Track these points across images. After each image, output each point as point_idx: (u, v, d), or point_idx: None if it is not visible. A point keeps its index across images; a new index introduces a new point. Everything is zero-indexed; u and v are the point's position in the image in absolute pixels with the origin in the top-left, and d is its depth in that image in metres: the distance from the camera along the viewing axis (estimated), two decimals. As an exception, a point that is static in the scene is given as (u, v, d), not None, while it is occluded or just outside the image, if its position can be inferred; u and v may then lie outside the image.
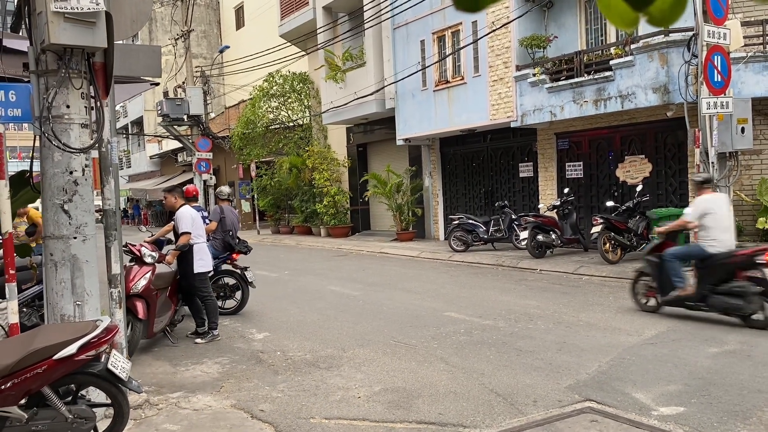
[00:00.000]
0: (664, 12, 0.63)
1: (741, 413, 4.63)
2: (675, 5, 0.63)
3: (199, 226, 7.85)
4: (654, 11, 0.63)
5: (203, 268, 7.79)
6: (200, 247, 7.80)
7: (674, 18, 0.65)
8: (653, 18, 0.64)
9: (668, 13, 0.63)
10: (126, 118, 41.48)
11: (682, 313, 7.80)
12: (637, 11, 0.61)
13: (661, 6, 0.62)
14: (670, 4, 0.63)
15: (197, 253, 7.72)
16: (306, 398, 5.41)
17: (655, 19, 0.64)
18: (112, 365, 4.21)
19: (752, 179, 11.54)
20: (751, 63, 10.76)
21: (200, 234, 7.86)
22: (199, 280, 7.77)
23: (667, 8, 0.63)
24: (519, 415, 4.79)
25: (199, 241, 7.77)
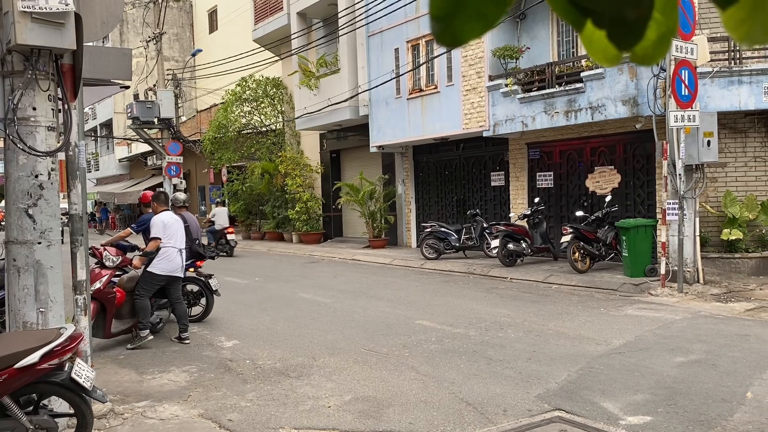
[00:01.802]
0: (648, 50, 0.63)
1: (705, 422, 4.70)
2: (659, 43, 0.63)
3: (174, 232, 7.84)
4: (637, 50, 0.62)
5: (159, 270, 7.70)
6: (167, 252, 7.76)
7: (658, 57, 0.65)
8: (636, 56, 0.64)
9: (651, 51, 0.64)
10: (95, 120, 40.79)
11: (652, 323, 7.91)
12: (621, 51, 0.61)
13: (645, 44, 0.62)
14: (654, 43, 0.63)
15: (161, 255, 7.72)
16: (275, 407, 5.35)
17: (638, 57, 0.64)
18: (76, 374, 4.11)
19: (717, 191, 11.80)
20: (717, 78, 11.01)
21: (170, 239, 7.79)
22: (146, 277, 7.71)
23: (651, 46, 0.63)
24: (489, 425, 4.80)
25: (167, 245, 7.75)
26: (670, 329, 7.68)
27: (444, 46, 0.59)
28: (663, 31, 0.62)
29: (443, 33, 0.58)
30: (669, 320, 8.16)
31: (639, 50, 0.62)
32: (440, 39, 0.58)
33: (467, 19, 0.58)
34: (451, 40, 0.59)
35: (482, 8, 0.58)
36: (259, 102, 23.99)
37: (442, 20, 0.58)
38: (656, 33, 0.62)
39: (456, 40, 0.59)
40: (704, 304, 9.17)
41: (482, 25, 0.58)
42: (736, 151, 11.80)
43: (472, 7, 0.57)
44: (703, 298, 9.57)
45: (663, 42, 0.63)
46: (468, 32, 0.58)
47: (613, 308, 9.06)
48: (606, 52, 0.62)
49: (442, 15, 0.57)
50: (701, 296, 9.65)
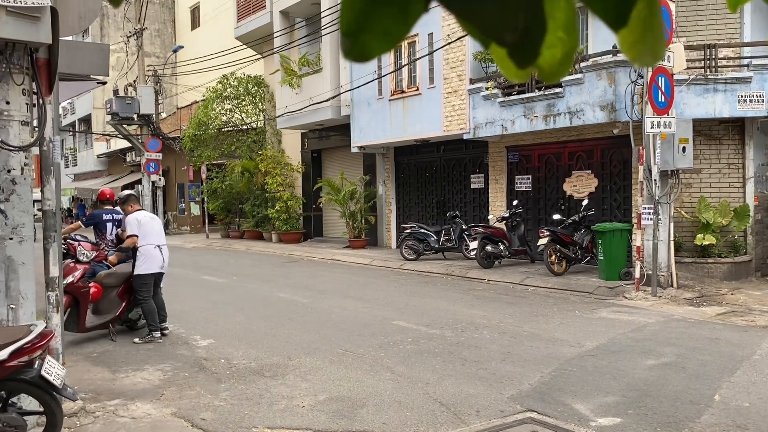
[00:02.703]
0: (553, 67, 0.67)
1: (674, 424, 4.79)
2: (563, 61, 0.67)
3: (149, 230, 7.93)
4: (544, 65, 0.66)
5: (144, 270, 7.85)
6: (145, 250, 7.86)
7: (563, 73, 0.69)
8: (543, 72, 0.67)
9: (557, 68, 0.67)
10: (73, 115, 40.31)
11: (625, 326, 8.02)
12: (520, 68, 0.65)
13: (551, 61, 0.66)
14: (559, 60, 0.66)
15: (141, 255, 7.85)
16: (249, 407, 5.34)
17: (545, 73, 0.67)
18: (46, 372, 4.07)
19: (692, 197, 11.99)
20: (693, 85, 11.18)
21: (145, 237, 7.87)
22: (137, 281, 7.86)
23: (556, 63, 0.67)
24: (461, 425, 4.84)
25: (144, 243, 7.84)
26: (643, 332, 7.79)
27: (352, 60, 0.62)
28: (567, 49, 0.66)
29: (351, 48, 0.60)
30: (642, 323, 8.27)
31: (546, 67, 0.66)
32: (348, 54, 0.61)
33: (373, 36, 0.60)
34: (359, 55, 0.61)
35: (387, 27, 0.60)
36: (240, 100, 23.88)
37: (350, 36, 0.60)
38: (561, 51, 0.65)
39: (363, 55, 0.61)
40: (677, 308, 9.31)
41: (387, 43, 0.61)
42: (710, 158, 11.99)
43: (377, 26, 0.60)
44: (676, 302, 9.72)
45: (567, 59, 0.66)
46: (374, 49, 0.61)
47: (587, 311, 9.17)
48: (515, 70, 0.65)
49: (350, 32, 0.60)
50: (674, 300, 9.80)
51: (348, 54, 0.60)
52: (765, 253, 12.20)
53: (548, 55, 0.65)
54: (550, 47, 0.64)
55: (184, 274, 14.01)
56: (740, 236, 11.84)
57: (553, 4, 0.63)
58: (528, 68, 0.64)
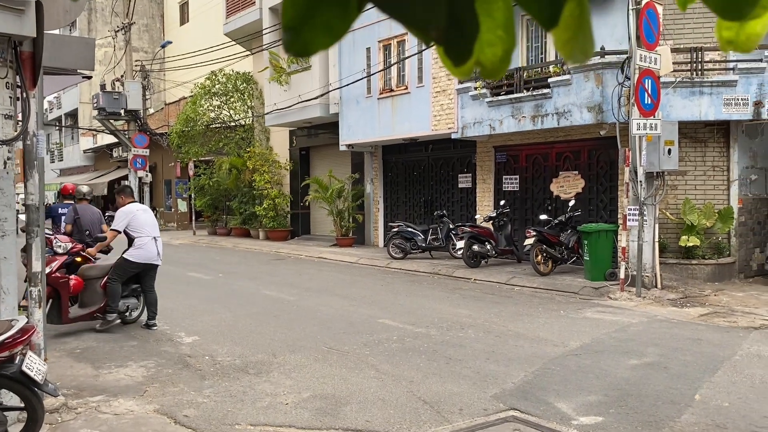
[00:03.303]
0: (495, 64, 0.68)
1: (654, 423, 4.83)
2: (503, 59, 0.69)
3: (143, 222, 8.03)
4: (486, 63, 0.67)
5: (134, 257, 7.97)
6: (142, 241, 7.97)
7: (503, 70, 0.71)
8: (485, 69, 0.68)
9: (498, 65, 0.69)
10: (60, 109, 39.94)
11: (609, 326, 8.08)
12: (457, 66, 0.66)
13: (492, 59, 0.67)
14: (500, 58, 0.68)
15: (135, 244, 7.98)
16: (232, 404, 5.33)
17: (487, 71, 0.68)
18: (27, 367, 4.04)
19: (677, 199, 12.08)
20: (679, 88, 11.28)
21: (140, 228, 7.98)
22: (120, 263, 7.99)
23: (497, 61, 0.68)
24: (444, 423, 4.86)
25: (139, 235, 7.97)
26: (626, 332, 7.85)
27: (294, 55, 0.63)
28: (506, 47, 0.67)
29: (293, 42, 0.61)
30: (626, 323, 8.34)
31: (488, 64, 0.67)
32: (290, 48, 0.62)
33: (315, 31, 0.61)
34: (301, 49, 0.62)
35: (329, 22, 0.61)
36: (228, 96, 23.78)
37: (292, 31, 0.61)
38: (501, 49, 0.67)
39: (305, 50, 0.62)
40: (661, 309, 9.39)
41: (329, 38, 0.62)
42: (695, 160, 12.10)
43: (319, 21, 0.61)
44: (660, 302, 9.80)
45: (506, 57, 0.68)
46: (316, 43, 0.62)
47: (572, 311, 9.23)
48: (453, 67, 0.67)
49: (292, 26, 0.61)
50: (658, 301, 9.88)
51: (290, 48, 0.60)
52: (748, 255, 12.33)
53: (489, 53, 0.66)
54: (490, 45, 0.66)
55: (170, 271, 13.94)
56: (724, 238, 11.95)
57: (491, 4, 0.65)
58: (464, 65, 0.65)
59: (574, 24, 0.68)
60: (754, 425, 4.78)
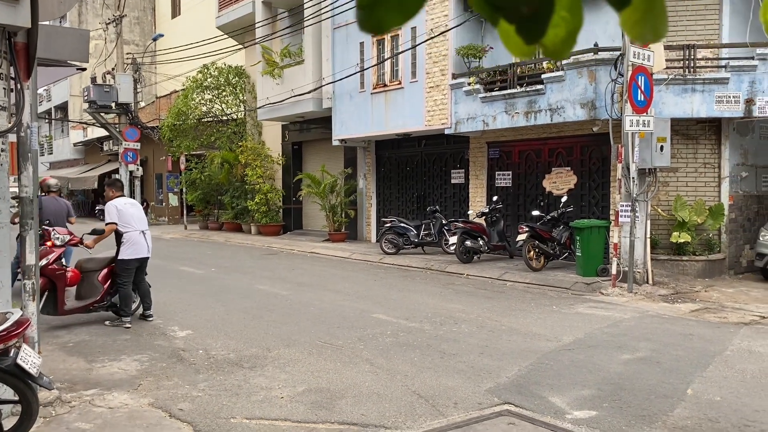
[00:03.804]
0: (557, 45, 0.69)
1: (648, 417, 4.87)
2: (567, 39, 0.69)
3: (130, 216, 8.11)
4: (548, 44, 0.67)
5: (129, 255, 8.04)
6: (129, 236, 8.03)
7: (566, 50, 0.71)
8: (547, 50, 0.69)
9: (560, 46, 0.69)
10: (49, 102, 39.62)
11: (602, 321, 8.13)
12: (528, 44, 0.66)
13: (554, 40, 0.67)
14: (562, 39, 0.68)
15: (125, 241, 8.02)
16: (227, 398, 5.33)
17: (549, 51, 0.69)
18: (22, 360, 4.03)
19: (668, 195, 12.16)
20: (671, 85, 11.33)
21: (128, 223, 8.04)
22: (120, 266, 8.05)
23: (560, 42, 0.69)
24: (440, 417, 4.88)
25: (127, 229, 8.02)
26: (619, 327, 7.90)
27: (367, 32, 0.63)
28: (570, 29, 0.68)
29: (367, 20, 0.61)
30: (618, 319, 8.39)
31: (549, 45, 0.67)
32: (364, 26, 0.62)
33: (388, 8, 0.61)
34: (375, 26, 0.62)
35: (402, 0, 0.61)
36: (220, 90, 23.67)
37: (366, 9, 0.61)
38: (565, 30, 0.67)
39: (378, 27, 0.62)
40: (652, 305, 9.46)
41: (402, 15, 0.62)
42: (687, 157, 12.17)
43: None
44: (652, 298, 9.87)
45: (570, 38, 0.68)
46: (389, 21, 0.62)
47: (564, 306, 9.27)
48: (520, 46, 0.67)
49: (366, 4, 0.61)
50: (650, 296, 9.95)
51: (363, 26, 0.60)
52: (738, 251, 12.43)
53: (552, 34, 0.66)
54: (554, 26, 0.66)
55: (162, 265, 13.88)
56: (715, 235, 12.04)
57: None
58: (535, 44, 0.66)
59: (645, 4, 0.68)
60: (745, 419, 4.83)
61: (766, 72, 11.16)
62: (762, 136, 12.88)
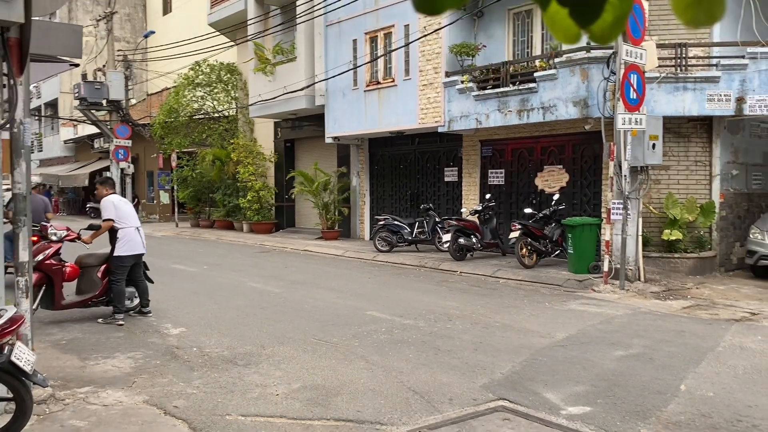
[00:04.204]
0: (605, 30, 0.69)
1: (641, 413, 4.90)
2: (615, 24, 0.69)
3: (126, 212, 8.20)
4: (595, 29, 0.68)
5: (126, 251, 8.08)
6: (125, 232, 8.07)
7: (614, 36, 0.71)
8: (594, 35, 0.69)
9: (608, 31, 0.69)
10: (39, 99, 39.32)
11: (594, 318, 8.17)
12: (581, 28, 0.66)
13: (602, 25, 0.68)
14: (611, 24, 0.68)
15: (121, 238, 8.05)
16: (222, 395, 5.32)
17: (596, 36, 0.69)
18: (16, 357, 4.00)
19: (660, 193, 12.22)
20: (664, 83, 11.38)
21: (124, 220, 8.11)
22: (116, 262, 8.08)
23: (608, 27, 0.69)
24: (435, 413, 4.89)
25: (123, 226, 8.06)
26: (611, 324, 7.94)
27: (423, 13, 0.63)
28: (618, 14, 0.68)
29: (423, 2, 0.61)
30: (610, 316, 8.44)
31: (597, 30, 0.68)
32: (419, 7, 0.62)
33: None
34: (430, 8, 0.62)
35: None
36: (212, 87, 23.59)
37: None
38: (612, 15, 0.68)
39: (434, 8, 0.62)
40: (644, 301, 9.51)
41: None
42: (678, 155, 12.24)
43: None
44: (643, 295, 9.92)
45: (618, 23, 0.69)
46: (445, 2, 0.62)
47: (557, 303, 9.31)
48: (567, 31, 0.67)
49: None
50: (641, 293, 10.00)
51: (419, 7, 0.60)
52: (729, 249, 12.52)
53: (600, 19, 0.66)
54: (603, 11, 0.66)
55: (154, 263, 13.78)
56: (706, 232, 12.12)
57: None
58: (588, 28, 0.66)
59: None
60: (738, 414, 4.87)
61: (756, 71, 11.24)
62: (752, 134, 12.98)
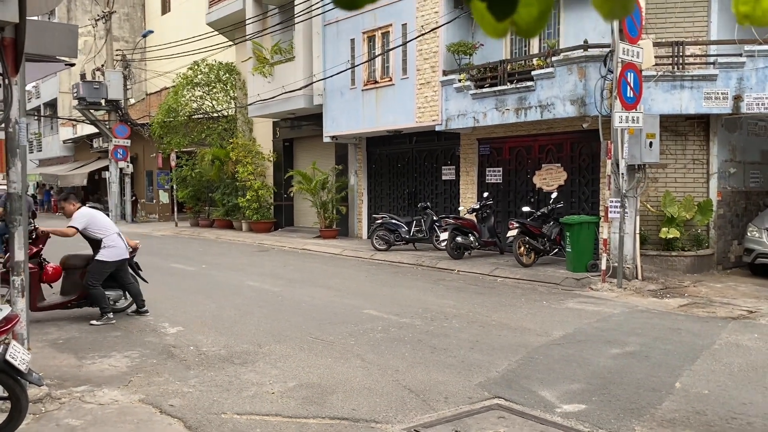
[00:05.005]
0: (530, 24, 0.70)
1: (636, 410, 4.92)
2: (539, 19, 0.70)
3: (106, 221, 8.24)
4: (521, 22, 0.69)
5: (108, 257, 8.05)
6: (111, 239, 8.08)
7: (538, 29, 0.72)
8: (520, 29, 0.70)
9: (533, 25, 0.71)
10: (38, 99, 39.34)
11: (591, 316, 8.19)
12: (498, 21, 0.68)
13: (527, 19, 0.69)
14: (536, 18, 0.70)
15: (108, 245, 8.05)
16: (218, 393, 5.33)
17: (522, 30, 0.70)
18: (11, 356, 4.01)
19: (657, 191, 12.23)
20: (660, 82, 11.39)
21: (106, 229, 8.11)
22: (96, 266, 8.02)
23: (533, 21, 0.70)
24: (430, 411, 4.90)
25: (106, 234, 8.07)
26: (608, 322, 7.96)
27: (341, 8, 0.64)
28: (542, 8, 0.69)
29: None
30: (607, 314, 8.45)
31: (522, 24, 0.69)
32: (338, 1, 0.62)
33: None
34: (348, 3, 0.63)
35: None
36: (211, 87, 23.59)
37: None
38: (537, 9, 0.69)
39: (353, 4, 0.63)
40: (641, 300, 9.53)
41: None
42: (676, 153, 12.25)
43: None
44: (641, 293, 9.94)
45: (542, 17, 0.70)
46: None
47: (555, 301, 9.33)
48: (494, 25, 0.68)
49: None
50: (639, 292, 10.02)
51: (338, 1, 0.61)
52: (726, 247, 12.53)
53: (525, 13, 0.68)
54: (526, 5, 0.68)
55: (153, 262, 13.83)
56: (703, 230, 12.13)
57: None
58: (506, 22, 0.67)
59: None
60: (733, 411, 4.88)
61: (753, 69, 11.24)
62: (750, 132, 12.98)
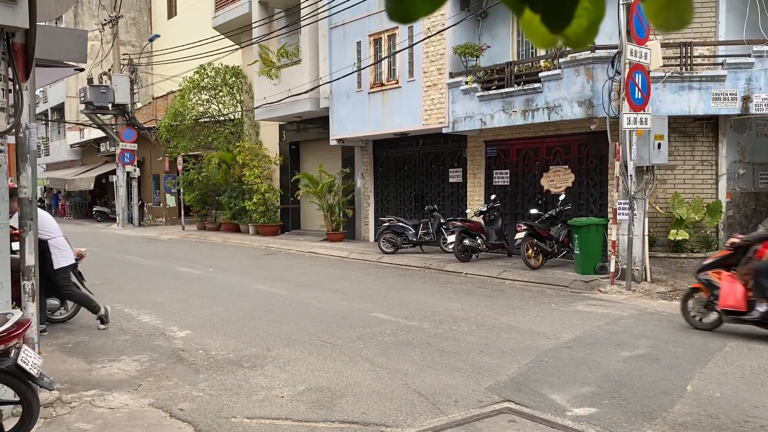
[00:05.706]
0: (579, 35, 0.69)
1: (648, 413, 4.88)
2: (589, 29, 0.69)
3: (52, 224, 7.66)
4: (570, 34, 0.68)
5: (66, 262, 7.60)
6: (58, 242, 7.57)
7: (588, 41, 0.71)
8: (569, 40, 0.69)
9: (583, 36, 0.70)
10: (46, 103, 39.54)
11: (600, 319, 8.15)
12: (553, 33, 0.67)
13: (577, 30, 0.68)
14: (585, 29, 0.69)
15: (56, 248, 7.52)
16: (228, 397, 5.33)
17: (571, 42, 0.70)
18: (23, 361, 4.02)
19: (666, 193, 12.18)
20: (668, 83, 11.35)
21: (55, 230, 7.60)
22: (61, 275, 7.58)
23: (582, 32, 0.69)
24: (440, 415, 4.88)
25: (56, 236, 7.56)
26: (618, 325, 7.92)
27: (397, 22, 0.63)
28: (593, 18, 0.68)
29: (396, 10, 0.62)
30: (617, 316, 8.41)
31: (572, 35, 0.68)
32: (393, 15, 0.62)
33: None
34: (403, 17, 0.63)
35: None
36: (217, 90, 23.65)
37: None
38: (587, 20, 0.68)
39: (407, 17, 0.63)
40: (651, 302, 9.48)
41: (431, 5, 0.62)
42: (684, 155, 12.19)
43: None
44: (650, 295, 9.89)
45: (592, 28, 0.69)
46: (418, 10, 0.62)
47: (563, 304, 9.29)
48: (543, 37, 0.68)
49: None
50: (648, 294, 9.97)
51: (393, 15, 0.60)
52: (735, 248, 12.44)
53: (575, 24, 0.67)
54: (577, 17, 0.66)
55: (160, 266, 13.89)
56: (712, 232, 12.07)
57: None
58: (559, 34, 0.66)
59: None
60: (745, 415, 4.85)
61: (762, 69, 11.19)
62: (759, 133, 12.92)
